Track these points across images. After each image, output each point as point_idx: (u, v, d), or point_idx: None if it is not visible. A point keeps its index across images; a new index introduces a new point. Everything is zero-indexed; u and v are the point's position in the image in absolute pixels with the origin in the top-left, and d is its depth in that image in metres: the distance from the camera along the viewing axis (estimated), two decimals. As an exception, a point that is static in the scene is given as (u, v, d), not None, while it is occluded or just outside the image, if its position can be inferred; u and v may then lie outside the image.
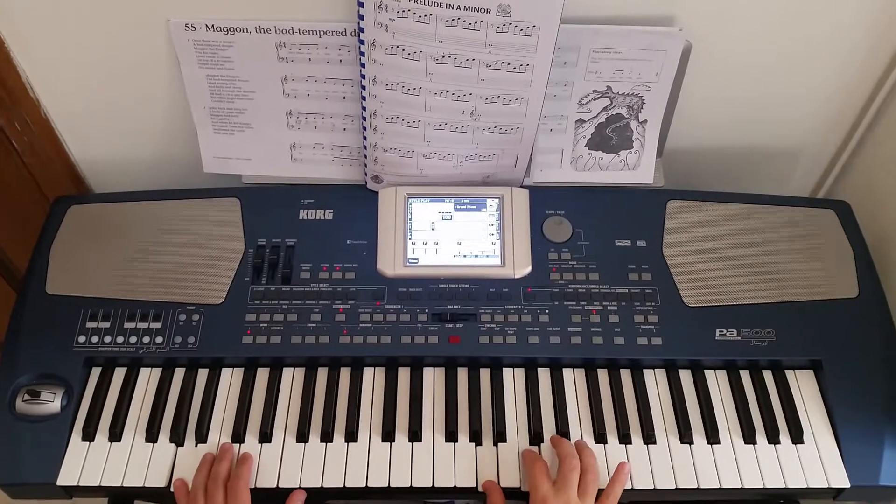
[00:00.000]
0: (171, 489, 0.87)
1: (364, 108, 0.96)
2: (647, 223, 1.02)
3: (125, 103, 1.05)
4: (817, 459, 0.89)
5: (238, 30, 0.93)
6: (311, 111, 1.01)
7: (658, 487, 0.87)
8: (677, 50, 0.95)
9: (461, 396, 0.93)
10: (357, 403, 0.92)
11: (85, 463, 0.88)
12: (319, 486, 0.87)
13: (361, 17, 0.88)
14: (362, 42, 0.90)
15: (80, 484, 0.87)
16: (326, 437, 0.90)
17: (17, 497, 0.91)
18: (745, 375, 0.96)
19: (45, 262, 0.98)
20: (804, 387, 0.95)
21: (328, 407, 0.92)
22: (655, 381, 0.95)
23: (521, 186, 1.04)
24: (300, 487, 0.87)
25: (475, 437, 0.90)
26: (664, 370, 0.96)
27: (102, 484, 0.87)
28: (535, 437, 0.90)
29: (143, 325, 0.95)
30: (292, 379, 0.95)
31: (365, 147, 1.00)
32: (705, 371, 0.96)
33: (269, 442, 0.90)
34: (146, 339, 0.94)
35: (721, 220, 1.02)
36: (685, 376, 0.95)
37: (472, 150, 1.00)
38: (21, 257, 1.15)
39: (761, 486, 0.88)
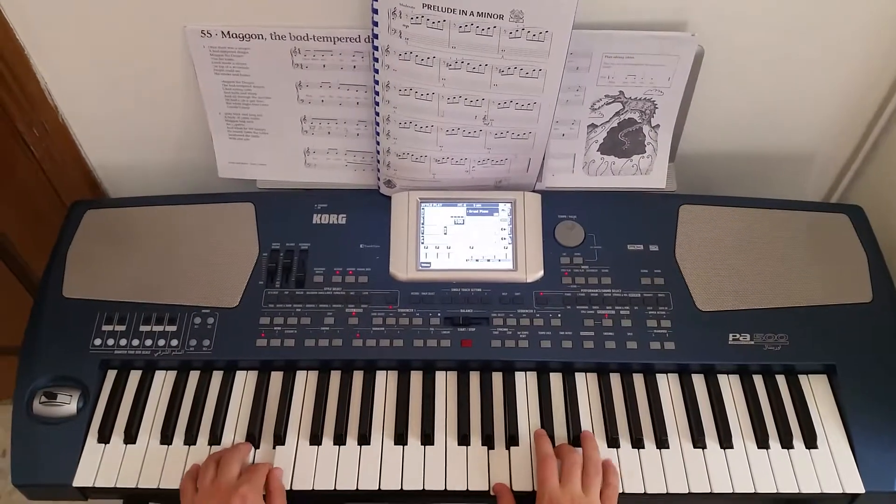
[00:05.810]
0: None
1: (377, 114, 0.97)
2: (659, 228, 1.02)
3: (142, 109, 1.06)
4: (831, 465, 0.89)
5: (253, 36, 0.94)
6: (325, 117, 1.02)
7: (671, 492, 0.87)
8: (690, 55, 0.95)
9: (473, 400, 0.93)
10: (370, 406, 0.93)
11: (100, 465, 0.89)
12: (332, 488, 0.87)
13: (375, 24, 0.88)
14: (376, 48, 0.91)
15: (96, 485, 0.88)
16: (339, 439, 0.90)
17: (33, 498, 0.92)
18: (758, 380, 0.95)
19: (62, 266, 0.99)
20: (818, 392, 0.94)
21: (341, 410, 0.92)
22: (668, 386, 0.95)
23: (534, 191, 1.04)
24: (313, 490, 0.87)
25: (487, 441, 0.90)
26: (677, 375, 0.96)
27: (117, 485, 0.88)
28: (548, 441, 0.91)
29: (159, 328, 0.95)
30: (306, 382, 0.95)
31: (378, 152, 1.01)
32: (718, 376, 0.95)
33: (283, 444, 0.90)
34: (161, 342, 0.95)
35: (734, 224, 1.02)
36: (698, 381, 0.95)
37: (485, 154, 1.00)
38: (38, 261, 1.17)
39: (774, 491, 0.87)
